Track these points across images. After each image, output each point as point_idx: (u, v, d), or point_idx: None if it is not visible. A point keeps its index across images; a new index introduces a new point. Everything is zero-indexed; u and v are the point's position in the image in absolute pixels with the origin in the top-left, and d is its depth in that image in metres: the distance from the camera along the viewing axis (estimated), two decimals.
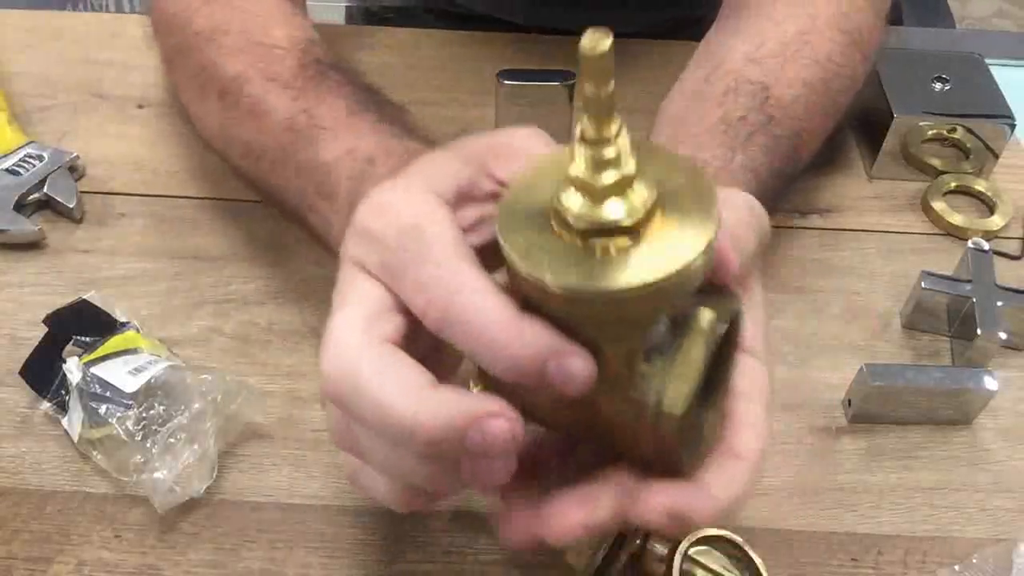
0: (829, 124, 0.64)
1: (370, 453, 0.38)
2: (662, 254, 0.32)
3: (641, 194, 0.32)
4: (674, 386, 0.34)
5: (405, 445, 0.35)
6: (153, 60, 0.72)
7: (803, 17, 0.63)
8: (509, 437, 0.33)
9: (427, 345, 0.37)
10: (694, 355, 0.34)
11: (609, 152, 0.31)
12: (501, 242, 0.33)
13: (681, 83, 0.63)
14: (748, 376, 0.40)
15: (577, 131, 0.31)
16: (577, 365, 0.33)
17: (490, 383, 0.37)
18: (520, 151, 0.39)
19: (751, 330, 0.40)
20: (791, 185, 0.63)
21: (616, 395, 0.35)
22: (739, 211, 0.41)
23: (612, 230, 0.32)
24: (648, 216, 0.32)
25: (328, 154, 0.51)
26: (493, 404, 0.34)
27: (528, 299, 0.34)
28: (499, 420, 0.33)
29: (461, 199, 0.38)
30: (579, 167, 0.32)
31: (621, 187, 0.32)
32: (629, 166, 0.32)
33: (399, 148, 0.49)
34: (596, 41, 0.28)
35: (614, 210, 0.32)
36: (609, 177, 0.31)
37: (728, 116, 0.56)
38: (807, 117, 0.61)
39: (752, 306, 0.41)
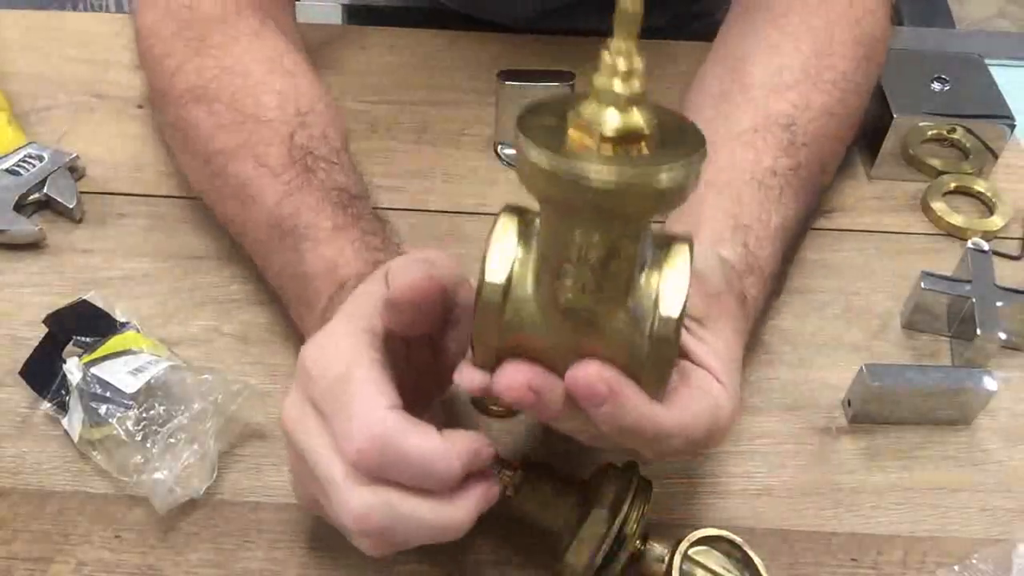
0: (848, 141, 0.65)
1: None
2: (673, 158, 0.35)
3: (653, 113, 0.35)
4: (669, 290, 0.38)
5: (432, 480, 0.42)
6: None
7: (820, 31, 0.63)
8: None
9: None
10: (681, 264, 0.39)
11: (636, 62, 0.34)
12: (526, 146, 0.35)
13: (699, 94, 0.64)
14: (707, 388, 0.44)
15: (606, 47, 0.35)
16: (488, 452, 0.43)
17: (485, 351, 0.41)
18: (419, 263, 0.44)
19: (714, 362, 0.45)
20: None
21: (616, 307, 0.38)
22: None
23: (636, 136, 0.35)
24: (659, 132, 0.36)
25: (310, 267, 0.53)
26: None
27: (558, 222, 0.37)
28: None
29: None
30: (607, 78, 0.34)
31: (642, 100, 0.35)
32: (644, 81, 0.35)
33: (372, 273, 0.49)
34: None
35: (638, 118, 0.35)
36: (636, 86, 0.34)
37: (759, 164, 0.57)
38: (830, 148, 0.62)
39: (720, 340, 0.46)
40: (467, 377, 0.41)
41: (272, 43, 0.63)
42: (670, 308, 0.38)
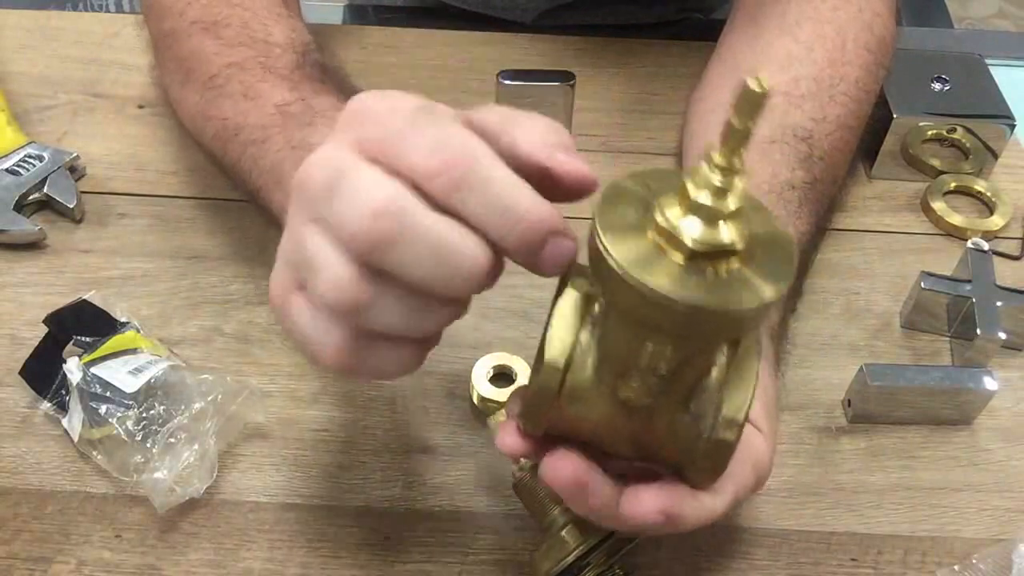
0: (855, 146, 0.65)
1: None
2: (763, 280, 0.34)
3: (745, 225, 0.34)
4: (735, 396, 0.36)
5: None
6: (153, 62, 0.72)
7: (831, 39, 0.63)
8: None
9: None
10: (748, 371, 0.37)
11: (734, 181, 0.33)
12: (605, 249, 0.34)
13: (707, 101, 0.64)
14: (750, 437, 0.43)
15: (706, 157, 0.33)
16: (567, 246, 0.35)
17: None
18: None
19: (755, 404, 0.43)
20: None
21: (679, 406, 0.37)
22: None
23: (724, 253, 0.34)
24: (749, 246, 0.34)
25: (317, 138, 0.50)
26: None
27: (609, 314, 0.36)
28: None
29: None
30: (700, 191, 0.33)
31: (737, 215, 0.34)
32: (742, 197, 0.34)
33: None
34: (764, 81, 0.32)
35: (729, 234, 0.33)
36: (731, 204, 0.33)
37: (777, 177, 0.57)
38: (843, 159, 0.62)
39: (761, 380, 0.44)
40: (509, 444, 0.39)
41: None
42: (733, 412, 0.37)
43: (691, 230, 0.33)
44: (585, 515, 0.40)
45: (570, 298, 0.37)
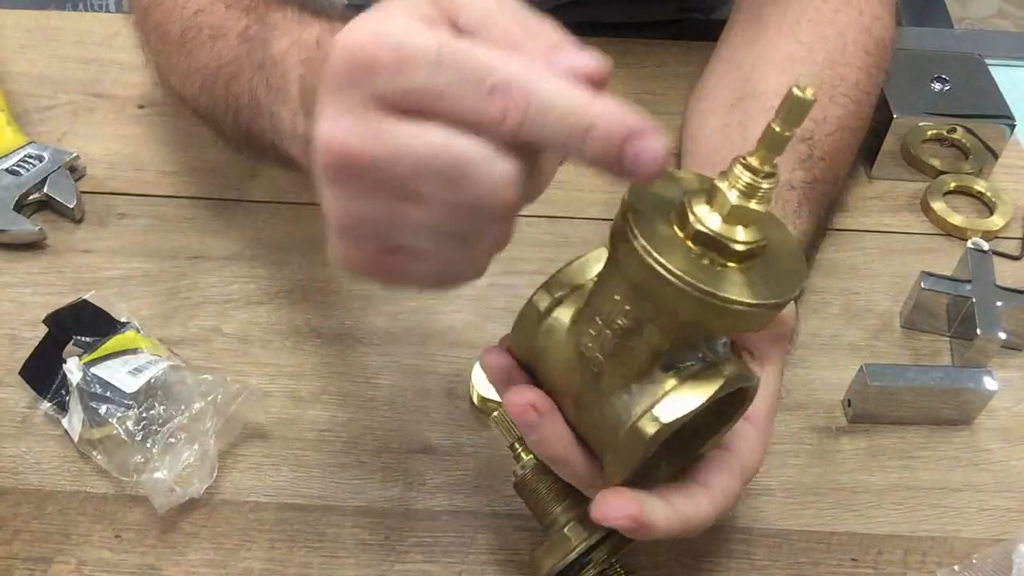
0: (856, 147, 0.65)
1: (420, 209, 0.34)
2: (764, 285, 0.35)
3: (760, 230, 0.36)
4: (675, 402, 0.37)
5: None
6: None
7: (832, 40, 0.63)
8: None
9: None
10: (705, 389, 0.37)
11: (765, 184, 0.35)
12: (637, 236, 0.35)
13: (708, 101, 0.63)
14: (743, 439, 0.44)
15: (742, 158, 0.35)
16: (650, 147, 0.31)
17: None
18: None
19: (759, 404, 0.43)
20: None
21: (621, 381, 0.38)
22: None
23: (735, 250, 0.35)
24: (759, 249, 0.36)
25: (277, 48, 0.48)
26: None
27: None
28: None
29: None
30: (731, 188, 0.35)
31: (763, 217, 0.35)
32: (767, 200, 0.35)
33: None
34: (810, 91, 0.33)
35: (744, 233, 0.35)
36: (757, 205, 0.35)
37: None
38: (844, 160, 0.62)
39: (767, 382, 0.45)
40: (491, 358, 0.42)
41: None
42: (663, 415, 0.37)
43: (710, 220, 0.35)
44: (541, 455, 0.42)
45: (599, 252, 0.40)
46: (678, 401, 0.37)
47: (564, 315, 0.40)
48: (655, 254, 0.34)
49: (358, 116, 0.33)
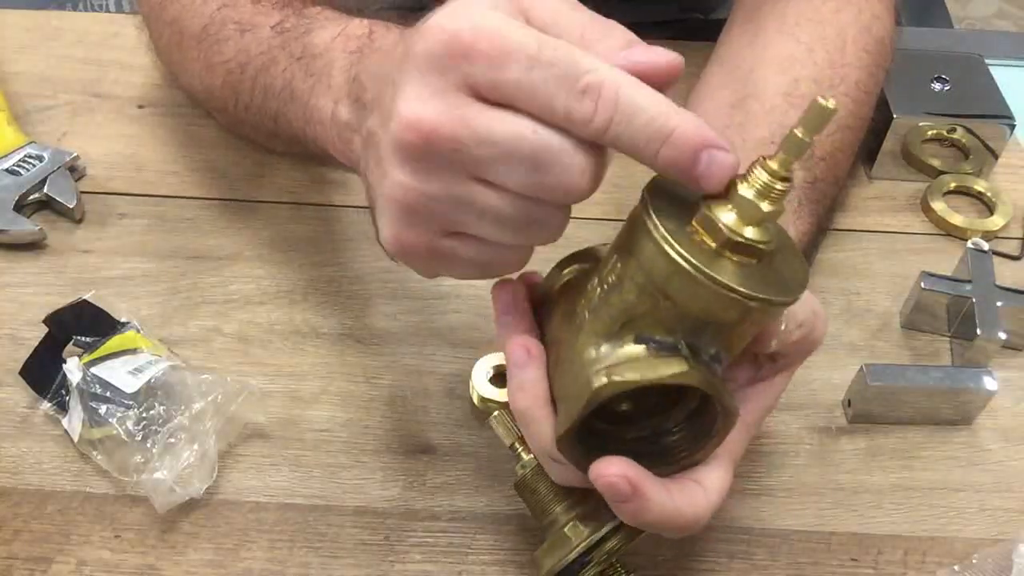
0: (856, 147, 0.64)
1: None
2: (773, 285, 0.37)
3: (773, 232, 0.37)
4: (626, 368, 0.38)
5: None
6: (153, 60, 0.72)
7: (831, 40, 0.63)
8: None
9: None
10: (663, 369, 0.38)
11: (781, 187, 0.36)
12: (650, 214, 0.36)
13: (708, 102, 0.63)
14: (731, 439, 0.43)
15: (762, 160, 0.36)
16: (725, 158, 0.35)
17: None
18: None
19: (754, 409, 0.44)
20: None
21: (594, 336, 0.39)
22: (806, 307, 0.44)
23: (751, 249, 0.36)
24: (772, 252, 0.37)
25: (320, 38, 0.49)
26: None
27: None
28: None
29: None
30: (748, 189, 0.36)
31: (773, 218, 0.37)
32: (779, 201, 0.36)
33: (395, 27, 0.47)
34: (832, 101, 0.34)
35: (759, 234, 0.36)
36: (769, 206, 0.36)
37: None
38: (844, 159, 0.62)
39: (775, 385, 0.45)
40: (503, 286, 0.43)
41: None
42: (615, 374, 0.38)
43: (727, 220, 0.36)
44: (515, 405, 0.42)
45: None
46: (634, 368, 0.38)
47: (575, 270, 0.42)
48: (655, 217, 0.36)
49: (448, 99, 0.35)
